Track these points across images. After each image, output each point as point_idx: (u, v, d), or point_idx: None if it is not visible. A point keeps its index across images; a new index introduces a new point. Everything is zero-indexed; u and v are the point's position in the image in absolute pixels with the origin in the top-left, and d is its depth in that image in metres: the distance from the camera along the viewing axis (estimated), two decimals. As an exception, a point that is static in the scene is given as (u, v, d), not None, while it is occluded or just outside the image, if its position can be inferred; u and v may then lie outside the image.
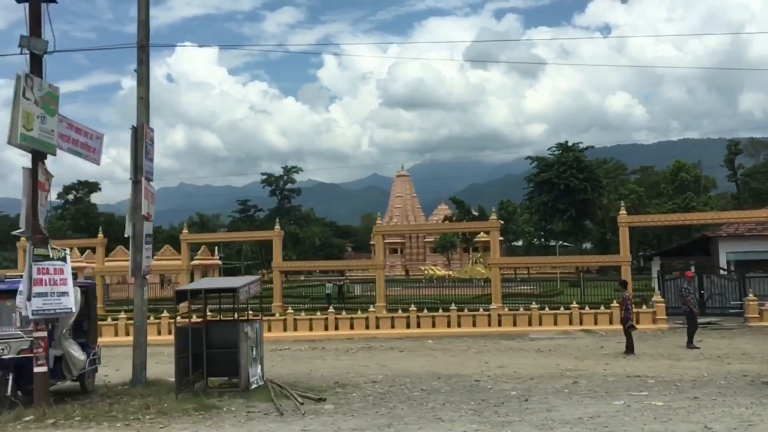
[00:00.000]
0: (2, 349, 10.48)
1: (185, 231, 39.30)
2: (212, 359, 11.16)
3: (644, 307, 23.83)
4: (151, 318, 25.16)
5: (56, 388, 11.74)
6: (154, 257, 54.97)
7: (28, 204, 9.66)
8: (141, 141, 12.34)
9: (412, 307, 25.36)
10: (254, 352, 11.43)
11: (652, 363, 14.21)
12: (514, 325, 23.88)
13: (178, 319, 15.62)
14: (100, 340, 22.23)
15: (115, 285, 56.48)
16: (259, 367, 11.69)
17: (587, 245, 79.80)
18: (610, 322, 22.62)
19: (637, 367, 13.67)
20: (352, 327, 24.74)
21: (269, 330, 23.20)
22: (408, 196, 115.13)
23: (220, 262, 67.92)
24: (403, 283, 52.74)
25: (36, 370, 9.81)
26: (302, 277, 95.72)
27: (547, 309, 24.09)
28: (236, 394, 10.42)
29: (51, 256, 10.07)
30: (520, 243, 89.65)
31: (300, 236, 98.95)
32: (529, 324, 23.68)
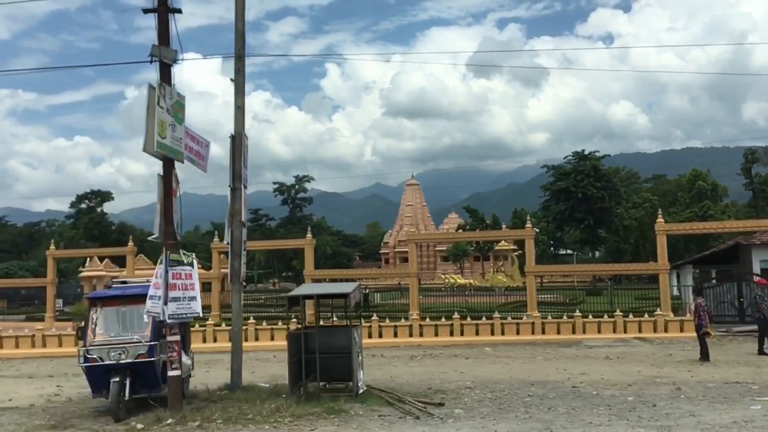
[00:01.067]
0: (120, 354, 10.62)
1: (215, 240, 39.46)
2: (314, 363, 11.20)
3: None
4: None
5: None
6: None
7: (161, 210, 9.82)
8: (239, 149, 12.51)
9: (456, 315, 25.46)
10: (359, 358, 11.55)
11: (736, 370, 14.30)
12: (558, 333, 23.95)
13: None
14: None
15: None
16: (362, 372, 11.80)
17: (596, 254, 79.80)
18: (665, 329, 22.70)
19: (722, 373, 13.76)
20: (395, 335, 24.81)
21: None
22: (418, 204, 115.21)
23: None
24: (423, 291, 52.79)
25: (170, 373, 9.94)
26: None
27: (591, 317, 24.19)
28: (350, 399, 10.52)
29: (183, 261, 10.21)
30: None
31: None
32: (573, 332, 23.75)
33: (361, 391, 11.19)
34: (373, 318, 25.39)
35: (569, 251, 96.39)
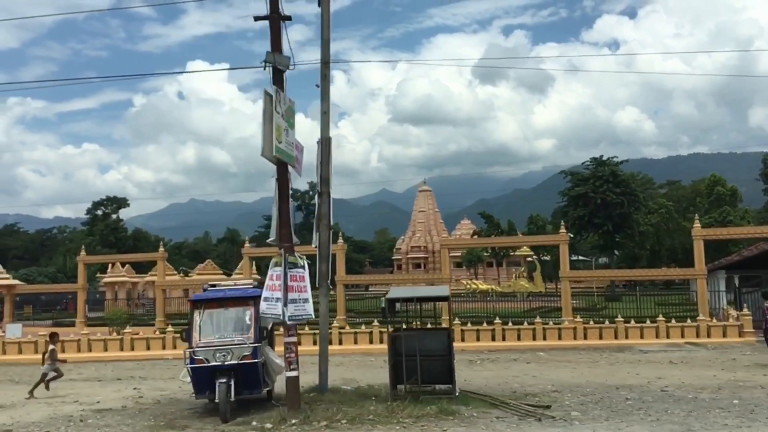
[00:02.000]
0: (225, 355, 10.74)
1: (247, 245, 39.66)
2: (408, 366, 11.27)
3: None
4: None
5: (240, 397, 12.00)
6: (196, 272, 55.25)
7: (277, 213, 9.94)
8: (326, 154, 12.65)
9: (497, 320, 25.50)
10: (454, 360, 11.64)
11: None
12: (600, 338, 23.97)
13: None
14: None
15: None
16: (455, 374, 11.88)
17: (605, 260, 79.64)
18: (707, 335, 22.72)
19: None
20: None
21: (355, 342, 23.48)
22: (430, 210, 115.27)
23: (258, 276, 67.96)
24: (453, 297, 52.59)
25: (288, 374, 10.04)
26: (331, 291, 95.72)
27: (633, 322, 24.21)
28: (452, 401, 10.58)
29: (299, 263, 10.32)
30: (548, 257, 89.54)
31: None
32: (615, 337, 23.76)
33: (456, 393, 11.27)
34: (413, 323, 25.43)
35: (580, 257, 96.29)
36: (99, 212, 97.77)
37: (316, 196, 12.72)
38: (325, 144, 12.72)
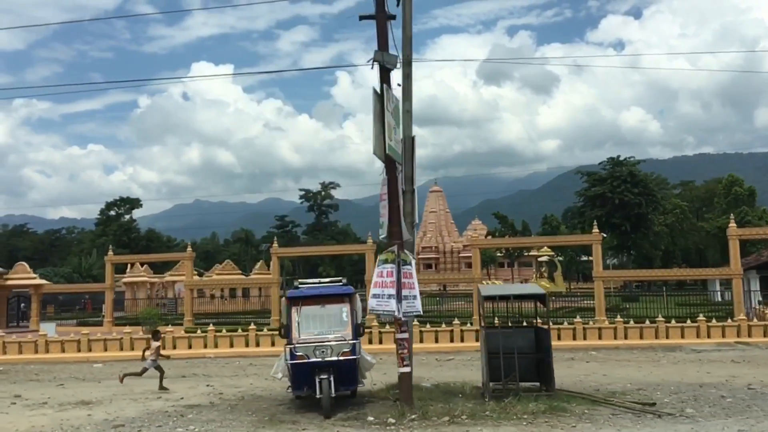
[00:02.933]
0: (325, 352, 10.82)
1: (275, 245, 39.76)
2: (502, 363, 11.30)
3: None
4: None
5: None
6: (215, 272, 55.16)
7: (388, 211, 10.01)
8: (410, 152, 12.69)
9: (539, 320, 25.47)
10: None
11: None
12: (641, 338, 23.96)
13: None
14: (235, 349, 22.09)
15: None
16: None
17: (614, 261, 79.62)
18: (748, 334, 22.72)
19: None
20: (476, 339, 24.77)
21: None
22: (441, 211, 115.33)
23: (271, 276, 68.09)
24: (465, 297, 52.69)
25: (402, 370, 10.12)
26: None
27: (674, 322, 24.19)
28: (550, 398, 10.63)
29: (409, 260, 10.39)
30: (561, 258, 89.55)
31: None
32: (656, 337, 23.77)
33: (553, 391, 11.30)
34: (454, 322, 25.43)
35: (590, 257, 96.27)
36: (112, 213, 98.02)
37: (402, 194, 12.73)
38: (408, 142, 12.75)
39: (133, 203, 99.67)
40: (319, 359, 10.76)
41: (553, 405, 9.73)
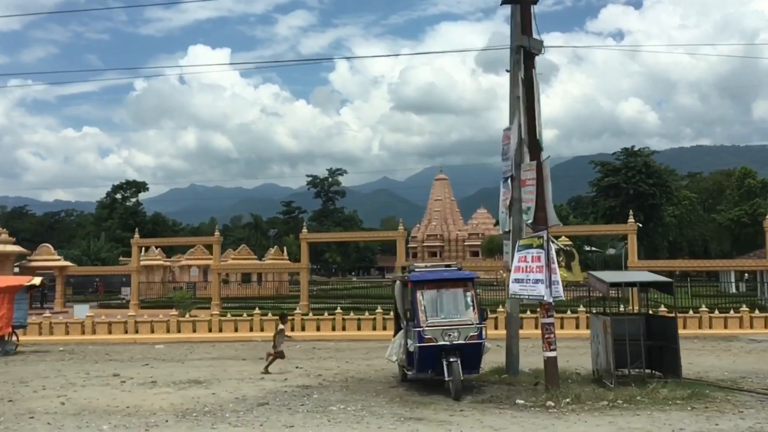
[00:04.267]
0: (453, 335, 10.92)
1: (304, 231, 39.73)
2: (627, 351, 11.29)
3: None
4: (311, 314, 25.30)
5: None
6: (231, 257, 54.86)
7: (534, 197, 10.07)
8: (518, 139, 12.74)
9: (581, 308, 25.63)
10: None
11: None
12: (684, 327, 24.04)
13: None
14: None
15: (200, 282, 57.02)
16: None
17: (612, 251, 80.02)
18: None
19: None
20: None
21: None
22: (447, 199, 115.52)
23: (288, 261, 68.22)
24: (482, 286, 52.76)
25: (548, 354, 10.22)
26: (355, 278, 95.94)
27: (717, 312, 24.36)
28: (681, 385, 10.61)
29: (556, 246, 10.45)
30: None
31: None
32: (699, 327, 23.95)
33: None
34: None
35: (593, 248, 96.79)
36: (119, 196, 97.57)
37: (509, 180, 12.81)
38: (518, 129, 12.80)
39: (140, 186, 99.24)
40: (447, 343, 10.87)
41: (694, 391, 9.85)
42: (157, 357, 17.90)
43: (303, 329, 24.40)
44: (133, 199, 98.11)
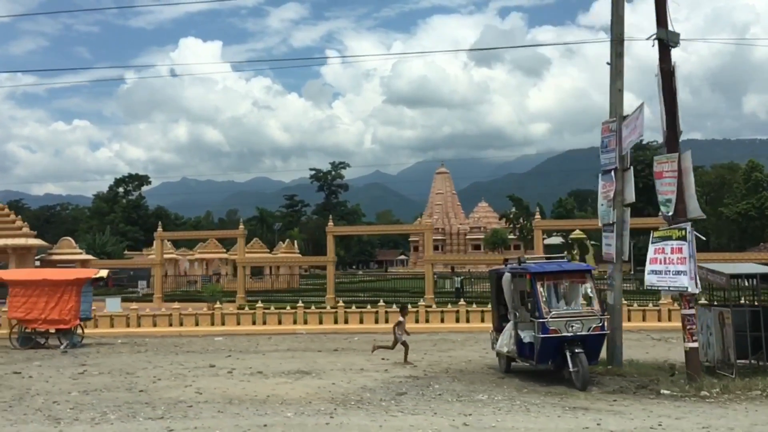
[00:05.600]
0: (577, 326, 11.08)
1: (330, 224, 39.82)
2: (749, 340, 11.41)
3: None
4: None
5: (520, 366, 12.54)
6: (245, 251, 54.02)
7: (676, 190, 10.23)
8: (620, 132, 12.91)
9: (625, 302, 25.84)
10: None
11: None
12: None
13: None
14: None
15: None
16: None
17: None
18: None
19: None
20: None
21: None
22: (448, 193, 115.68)
23: (299, 255, 68.18)
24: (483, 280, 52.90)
25: (689, 345, 10.39)
26: (360, 272, 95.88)
27: None
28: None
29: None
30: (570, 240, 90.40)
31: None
32: None
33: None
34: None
35: (592, 242, 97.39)
36: (121, 189, 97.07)
37: (612, 173, 12.99)
38: (619, 122, 12.98)
39: (142, 180, 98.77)
40: (571, 334, 11.03)
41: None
42: (233, 349, 17.94)
43: (346, 322, 24.54)
44: (136, 193, 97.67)
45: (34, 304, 18.43)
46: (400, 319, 14.92)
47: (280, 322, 25.27)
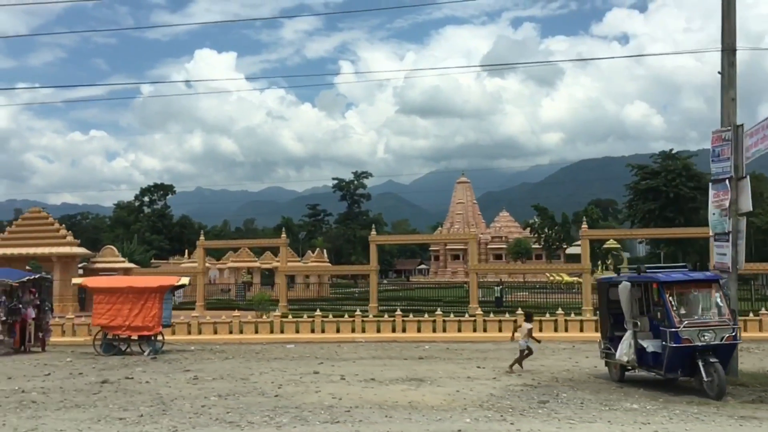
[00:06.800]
0: (710, 336, 11.05)
1: (373, 233, 39.86)
2: None
3: None
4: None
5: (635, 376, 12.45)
6: (275, 260, 54.31)
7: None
8: (740, 141, 12.92)
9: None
10: None
11: None
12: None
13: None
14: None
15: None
16: None
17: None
18: None
19: None
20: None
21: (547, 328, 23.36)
22: (469, 202, 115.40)
23: (329, 264, 68.23)
24: (529, 289, 52.77)
25: None
26: (385, 281, 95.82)
27: None
28: None
29: None
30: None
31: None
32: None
33: None
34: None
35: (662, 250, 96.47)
36: (146, 199, 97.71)
37: (727, 182, 12.98)
38: (737, 132, 13.00)
39: (167, 189, 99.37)
40: (703, 343, 11.00)
41: None
42: (315, 356, 17.95)
43: (404, 330, 24.55)
44: (161, 202, 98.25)
45: (118, 311, 18.58)
46: (530, 326, 14.92)
47: (338, 331, 25.35)
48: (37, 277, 20.14)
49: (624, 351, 12.42)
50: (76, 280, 22.71)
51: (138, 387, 12.25)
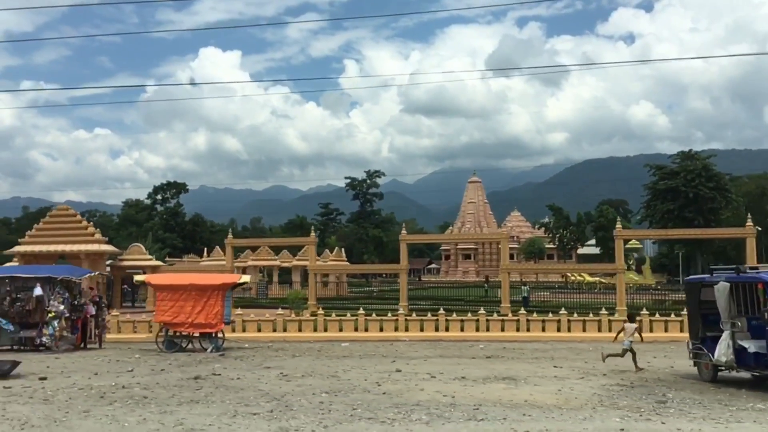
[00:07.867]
0: None
1: (404, 232, 39.66)
2: None
3: None
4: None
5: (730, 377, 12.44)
6: (296, 258, 54.35)
7: None
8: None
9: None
10: None
11: None
12: None
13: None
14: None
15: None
16: None
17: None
18: None
19: None
20: (666, 330, 24.57)
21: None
22: (480, 202, 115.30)
23: (347, 262, 68.14)
24: (550, 289, 52.60)
25: None
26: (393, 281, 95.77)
27: None
28: None
29: None
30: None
31: (384, 240, 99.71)
32: None
33: None
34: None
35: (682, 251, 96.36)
36: (159, 197, 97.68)
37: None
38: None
39: (180, 188, 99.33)
40: None
41: None
42: (385, 355, 17.84)
43: (447, 329, 24.53)
44: (173, 201, 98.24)
45: (181, 308, 18.55)
46: (634, 326, 14.88)
47: (381, 330, 25.32)
48: (96, 274, 20.10)
49: (722, 351, 12.34)
50: (138, 278, 22.70)
51: (234, 383, 12.19)
